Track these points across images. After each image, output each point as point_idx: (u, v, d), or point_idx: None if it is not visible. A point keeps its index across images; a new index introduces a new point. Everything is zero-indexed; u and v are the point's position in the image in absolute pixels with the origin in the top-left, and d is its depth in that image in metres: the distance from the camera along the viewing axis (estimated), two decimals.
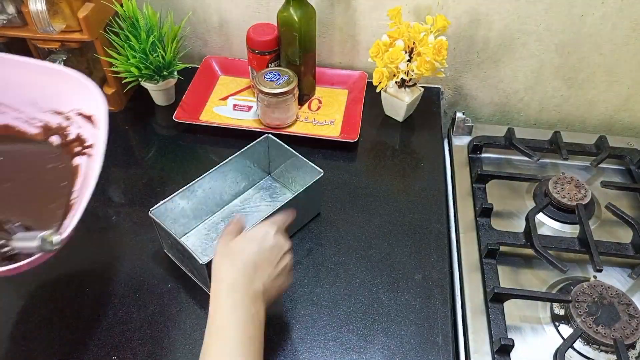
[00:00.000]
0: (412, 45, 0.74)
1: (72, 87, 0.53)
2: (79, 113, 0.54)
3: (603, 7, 0.76)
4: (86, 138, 0.54)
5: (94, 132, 0.53)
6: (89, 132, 0.54)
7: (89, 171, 0.52)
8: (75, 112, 0.54)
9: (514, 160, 0.79)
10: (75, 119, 0.55)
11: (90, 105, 0.53)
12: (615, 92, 0.86)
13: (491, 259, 0.63)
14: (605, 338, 0.55)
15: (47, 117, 0.56)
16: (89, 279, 0.60)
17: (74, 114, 0.55)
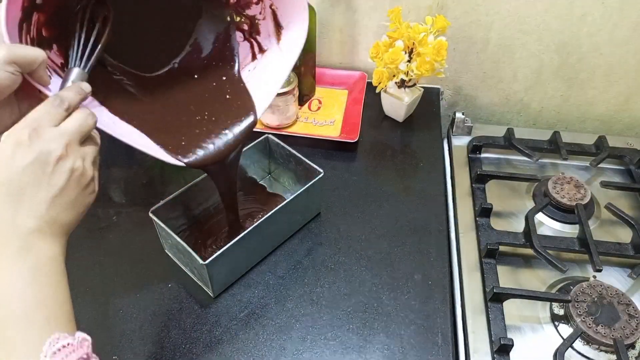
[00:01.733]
0: (411, 45, 0.74)
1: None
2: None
3: (603, 7, 0.76)
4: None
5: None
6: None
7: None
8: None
9: (513, 160, 0.79)
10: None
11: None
12: (615, 92, 0.86)
13: (491, 258, 0.64)
14: (605, 338, 0.55)
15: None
16: (89, 279, 0.60)
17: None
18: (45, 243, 0.34)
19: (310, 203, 0.65)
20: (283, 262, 0.63)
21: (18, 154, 0.33)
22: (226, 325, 0.56)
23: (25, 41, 0.39)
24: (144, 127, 0.49)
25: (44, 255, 0.33)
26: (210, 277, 0.55)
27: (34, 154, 0.33)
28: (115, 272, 0.61)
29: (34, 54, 0.36)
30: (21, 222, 0.33)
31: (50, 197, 0.34)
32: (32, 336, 0.31)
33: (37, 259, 0.33)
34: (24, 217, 0.33)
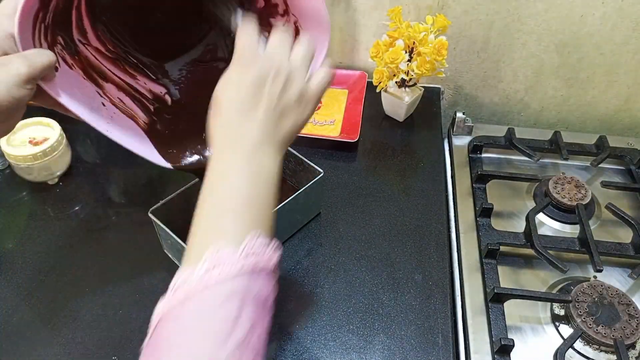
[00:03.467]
0: (412, 45, 0.74)
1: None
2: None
3: (603, 7, 0.76)
4: None
5: None
6: None
7: None
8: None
9: (514, 160, 0.79)
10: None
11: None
12: (616, 92, 0.86)
13: (491, 259, 0.63)
14: (605, 338, 0.55)
15: None
16: (89, 279, 0.60)
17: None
18: (266, 154, 0.37)
19: (310, 203, 0.65)
20: (283, 262, 0.62)
21: (247, 73, 0.37)
22: None
23: (39, 31, 0.38)
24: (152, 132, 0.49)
25: (265, 164, 0.37)
26: None
27: (257, 72, 0.37)
28: (114, 272, 0.61)
29: (48, 60, 0.37)
30: (249, 132, 0.36)
31: (274, 112, 0.37)
32: (239, 225, 0.34)
33: (259, 166, 0.36)
34: (252, 128, 0.36)
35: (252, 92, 0.37)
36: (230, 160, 0.36)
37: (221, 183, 0.36)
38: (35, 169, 0.67)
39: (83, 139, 0.77)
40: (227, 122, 0.37)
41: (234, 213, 0.34)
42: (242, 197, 0.35)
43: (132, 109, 0.49)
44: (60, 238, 0.64)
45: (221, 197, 0.35)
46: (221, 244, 0.32)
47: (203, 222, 0.35)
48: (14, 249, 0.63)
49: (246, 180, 0.35)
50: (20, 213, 0.68)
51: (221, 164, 0.36)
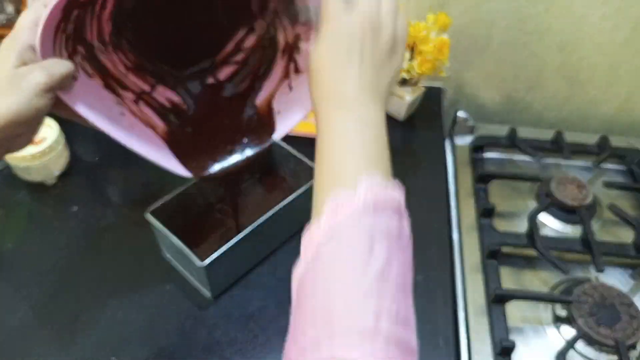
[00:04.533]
0: (413, 44, 0.74)
1: None
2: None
3: (604, 7, 0.75)
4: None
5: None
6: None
7: None
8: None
9: (516, 160, 0.79)
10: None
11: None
12: (617, 92, 0.86)
13: (493, 259, 0.63)
14: (606, 339, 0.55)
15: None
16: (88, 279, 0.60)
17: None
18: (368, 104, 0.37)
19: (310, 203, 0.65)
20: (283, 263, 0.62)
21: (336, 26, 0.37)
22: (225, 328, 0.56)
23: (60, 41, 0.38)
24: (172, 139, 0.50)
25: (369, 112, 0.37)
26: (208, 278, 0.54)
27: (352, 26, 0.37)
28: (113, 272, 0.61)
29: (67, 70, 0.37)
30: (350, 87, 0.37)
31: (370, 64, 0.37)
32: (353, 169, 0.34)
33: (363, 114, 0.37)
34: (351, 83, 0.37)
35: (348, 47, 0.37)
36: (334, 112, 0.37)
37: (329, 134, 0.36)
38: (33, 169, 0.66)
39: (82, 138, 0.77)
40: (327, 78, 0.37)
41: (348, 159, 0.35)
42: (353, 144, 0.35)
43: (151, 118, 0.49)
44: (59, 238, 0.64)
45: (331, 147, 0.36)
46: (339, 189, 0.33)
47: (319, 174, 0.36)
48: (12, 249, 0.63)
49: (353, 127, 0.36)
50: (18, 213, 0.68)
51: (326, 118, 0.37)
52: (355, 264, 0.30)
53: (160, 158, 0.46)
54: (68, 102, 0.38)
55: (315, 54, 0.39)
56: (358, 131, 0.36)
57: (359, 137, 0.36)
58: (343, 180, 0.34)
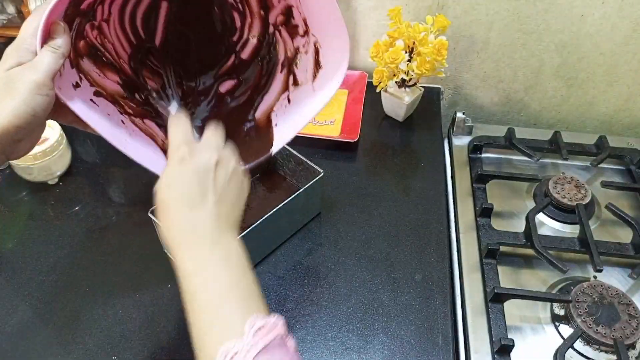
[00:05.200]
0: (412, 45, 0.74)
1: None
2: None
3: (603, 7, 0.76)
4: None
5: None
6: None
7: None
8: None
9: (514, 160, 0.79)
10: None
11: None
12: (615, 92, 0.86)
13: (491, 259, 0.63)
14: (605, 338, 0.55)
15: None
16: (89, 279, 0.60)
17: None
18: (226, 237, 0.38)
19: (310, 203, 0.65)
20: (283, 262, 0.62)
21: (185, 169, 0.38)
22: None
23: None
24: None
25: (229, 247, 0.38)
26: None
27: (194, 167, 0.38)
28: (114, 272, 0.61)
29: (53, 58, 0.36)
30: (206, 223, 0.37)
31: (220, 195, 0.39)
32: (234, 315, 0.35)
33: (225, 250, 0.37)
34: (207, 218, 0.37)
35: (198, 184, 0.38)
36: (199, 256, 0.36)
37: (200, 282, 0.36)
38: (35, 169, 0.67)
39: (83, 139, 0.77)
40: (181, 220, 0.37)
41: (226, 306, 0.35)
42: (225, 288, 0.35)
43: (150, 127, 0.49)
44: (60, 238, 0.64)
45: (206, 297, 0.35)
46: (228, 342, 0.33)
47: (200, 327, 0.35)
48: (14, 249, 0.63)
49: (222, 270, 0.36)
50: (20, 213, 0.68)
51: (190, 263, 0.36)
52: None
53: (158, 167, 0.46)
54: (70, 105, 0.39)
55: (163, 186, 0.38)
56: (228, 271, 0.36)
57: (231, 279, 0.36)
58: (228, 330, 0.34)
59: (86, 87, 0.42)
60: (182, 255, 0.37)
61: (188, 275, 0.36)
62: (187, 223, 0.37)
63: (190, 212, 0.37)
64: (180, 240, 0.37)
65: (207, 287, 0.35)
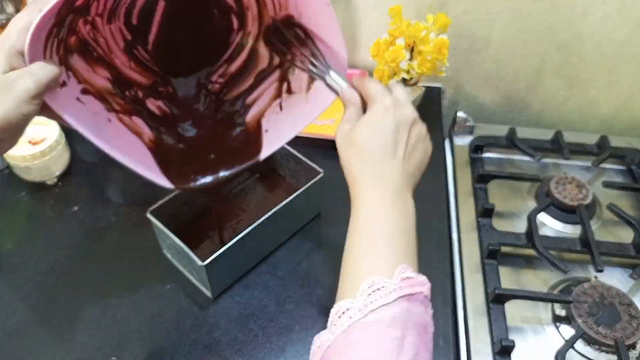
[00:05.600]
0: (412, 44, 0.74)
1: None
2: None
3: (604, 7, 0.75)
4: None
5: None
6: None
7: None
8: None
9: (515, 160, 0.79)
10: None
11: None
12: (617, 92, 0.86)
13: (492, 259, 0.63)
14: (606, 339, 0.55)
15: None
16: (88, 279, 0.60)
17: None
18: (408, 194, 0.40)
19: (310, 203, 0.65)
20: (283, 262, 0.62)
21: (388, 119, 0.40)
22: (225, 327, 0.56)
23: (51, 45, 0.38)
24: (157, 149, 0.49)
25: (408, 202, 0.40)
26: (209, 278, 0.54)
27: (398, 118, 0.41)
28: (113, 272, 0.61)
29: (53, 74, 0.37)
30: (395, 171, 0.40)
31: (409, 153, 0.41)
32: (392, 257, 0.36)
33: (405, 202, 0.39)
34: (396, 168, 0.40)
35: (394, 136, 0.40)
36: (380, 196, 0.39)
37: (373, 217, 0.38)
38: (34, 169, 0.66)
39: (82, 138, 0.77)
40: (373, 161, 0.40)
41: (387, 246, 0.37)
42: (394, 231, 0.38)
43: (138, 125, 0.48)
44: (59, 238, 0.64)
45: (373, 231, 0.38)
46: (376, 276, 0.34)
47: (356, 255, 0.37)
48: (13, 249, 0.63)
49: (396, 216, 0.38)
50: (19, 213, 0.68)
51: (371, 200, 0.39)
52: (388, 355, 0.31)
53: (142, 167, 0.46)
54: (54, 107, 0.38)
55: (365, 129, 0.40)
56: (397, 221, 0.38)
57: (398, 228, 0.38)
58: (380, 267, 0.35)
59: (73, 85, 0.42)
60: (366, 191, 0.39)
61: (368, 207, 0.39)
62: (377, 168, 0.39)
63: (383, 159, 0.39)
64: (367, 180, 0.39)
65: (379, 224, 0.38)
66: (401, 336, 0.32)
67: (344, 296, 0.35)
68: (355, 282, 0.34)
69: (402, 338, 0.32)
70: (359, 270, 0.36)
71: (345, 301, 0.34)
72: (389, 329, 0.32)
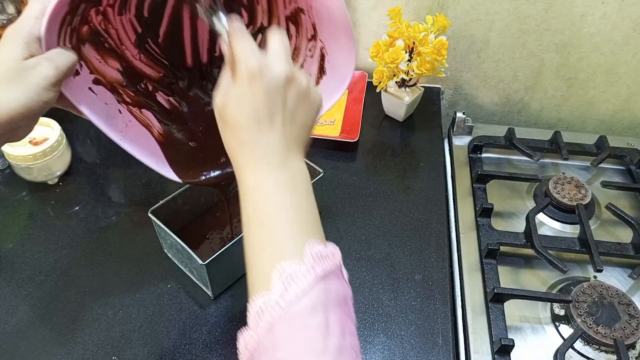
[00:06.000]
0: (412, 45, 0.74)
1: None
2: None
3: (603, 7, 0.76)
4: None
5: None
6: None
7: None
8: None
9: (514, 160, 0.79)
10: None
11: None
12: (616, 92, 0.86)
13: (491, 259, 0.63)
14: (605, 338, 0.55)
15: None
16: (89, 279, 0.60)
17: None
18: (294, 158, 0.37)
19: None
20: None
21: (255, 87, 0.35)
22: (226, 326, 0.56)
23: (64, 34, 0.38)
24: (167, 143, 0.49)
25: (296, 168, 0.37)
26: (209, 277, 0.55)
27: (267, 83, 0.35)
28: (114, 272, 0.61)
29: (72, 61, 0.37)
30: (274, 143, 0.36)
31: (289, 116, 0.37)
32: (294, 236, 0.34)
33: (292, 171, 0.36)
34: (275, 138, 0.36)
35: (268, 103, 0.36)
36: (264, 174, 0.35)
37: (263, 199, 0.35)
38: (35, 169, 0.67)
39: (83, 139, 0.77)
40: (249, 137, 0.36)
41: (286, 226, 0.34)
42: (288, 208, 0.35)
43: (147, 117, 0.49)
44: (60, 238, 0.64)
45: (268, 214, 0.35)
46: (285, 262, 0.32)
47: (256, 244, 0.34)
48: (14, 249, 0.63)
49: (286, 190, 0.35)
50: (20, 213, 0.68)
51: (255, 177, 0.36)
52: (316, 342, 0.30)
53: (150, 159, 0.46)
54: (67, 94, 0.38)
55: (232, 103, 0.36)
56: (292, 193, 0.35)
57: (295, 200, 0.35)
58: (287, 250, 0.33)
59: (85, 74, 0.42)
60: (248, 170, 0.36)
61: (251, 190, 0.35)
62: (255, 141, 0.36)
63: (260, 131, 0.36)
64: (247, 157, 0.36)
65: (269, 203, 0.35)
66: (324, 318, 0.31)
67: (256, 290, 0.32)
68: (265, 273, 0.32)
69: (325, 320, 0.31)
70: (264, 259, 0.33)
71: (260, 296, 0.32)
72: (311, 317, 0.31)
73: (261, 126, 0.36)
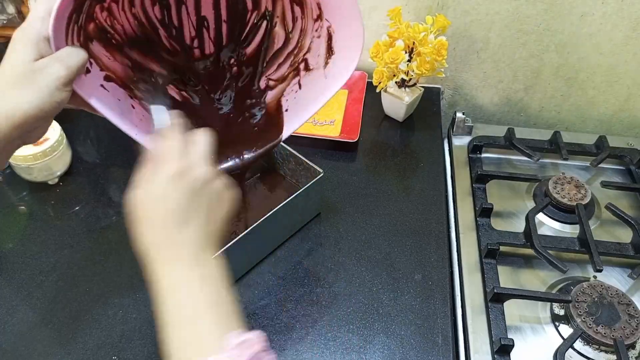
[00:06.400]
0: (412, 45, 0.74)
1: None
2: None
3: (603, 7, 0.76)
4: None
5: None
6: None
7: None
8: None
9: (514, 160, 0.79)
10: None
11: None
12: (615, 92, 0.86)
13: (491, 259, 0.63)
14: (605, 338, 0.55)
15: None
16: (89, 279, 0.60)
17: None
18: (207, 255, 0.37)
19: (310, 203, 0.65)
20: (283, 262, 0.62)
21: (178, 187, 0.37)
22: None
23: (72, 32, 0.38)
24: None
25: (208, 265, 0.37)
26: None
27: (187, 185, 0.37)
28: (114, 272, 0.61)
29: (83, 60, 0.37)
30: (192, 241, 0.37)
31: (206, 216, 0.38)
32: (215, 334, 0.34)
33: (204, 268, 0.37)
34: (190, 237, 0.37)
35: (191, 203, 0.37)
36: (182, 272, 0.36)
37: (177, 298, 0.35)
38: (35, 169, 0.67)
39: (83, 138, 0.77)
40: (167, 236, 0.36)
41: (203, 321, 0.34)
42: (203, 303, 0.35)
43: None
44: (60, 238, 0.65)
45: (183, 312, 0.35)
46: (210, 358, 0.32)
47: (179, 340, 0.34)
48: (14, 249, 0.63)
49: (200, 287, 0.36)
50: (20, 213, 0.68)
51: (170, 279, 0.36)
52: None
53: None
54: (81, 93, 0.38)
55: (151, 201, 0.37)
56: (207, 290, 0.36)
57: (211, 297, 0.36)
58: (207, 346, 0.33)
59: (96, 72, 0.42)
60: (162, 270, 0.36)
61: (167, 291, 0.35)
62: (172, 241, 0.36)
63: (179, 232, 0.36)
64: (162, 257, 0.36)
65: (186, 303, 0.35)
66: None
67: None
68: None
69: None
70: (189, 356, 0.33)
71: None
72: None
73: (180, 227, 0.36)
